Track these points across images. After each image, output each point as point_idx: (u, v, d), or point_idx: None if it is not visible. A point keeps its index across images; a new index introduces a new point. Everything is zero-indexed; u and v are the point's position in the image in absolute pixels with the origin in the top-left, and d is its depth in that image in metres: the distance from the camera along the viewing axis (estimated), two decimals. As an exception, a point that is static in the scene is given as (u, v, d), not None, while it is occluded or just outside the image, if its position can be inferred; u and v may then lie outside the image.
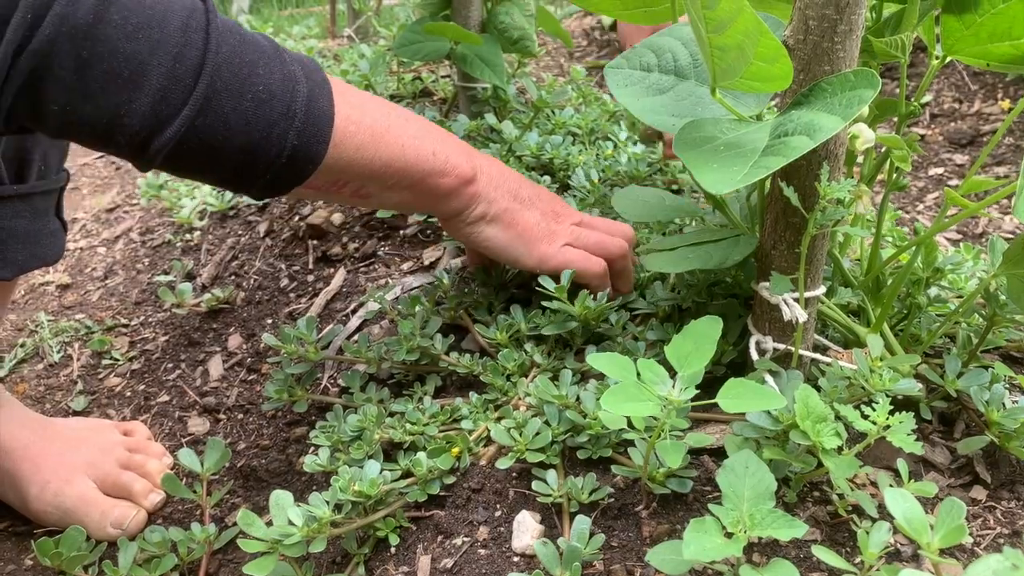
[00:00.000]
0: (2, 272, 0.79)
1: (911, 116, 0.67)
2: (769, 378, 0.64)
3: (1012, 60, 0.68)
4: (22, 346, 1.20)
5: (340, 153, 0.67)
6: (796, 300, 0.63)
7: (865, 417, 0.54)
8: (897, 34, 0.64)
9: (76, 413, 1.04)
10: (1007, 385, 0.69)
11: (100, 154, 2.00)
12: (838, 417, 0.55)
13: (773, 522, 0.49)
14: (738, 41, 0.52)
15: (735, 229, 0.70)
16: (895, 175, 0.67)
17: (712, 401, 0.53)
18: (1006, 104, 1.57)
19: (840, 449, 0.56)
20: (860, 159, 0.71)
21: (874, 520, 0.56)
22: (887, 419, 0.53)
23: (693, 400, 0.54)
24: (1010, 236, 1.14)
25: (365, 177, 0.71)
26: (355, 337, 0.92)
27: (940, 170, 1.50)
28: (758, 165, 0.51)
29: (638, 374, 0.55)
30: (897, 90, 0.69)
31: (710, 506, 0.50)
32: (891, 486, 0.58)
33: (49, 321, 1.25)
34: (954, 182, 1.45)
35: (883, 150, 0.70)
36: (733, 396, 0.53)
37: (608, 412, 0.58)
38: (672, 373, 0.56)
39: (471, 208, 0.78)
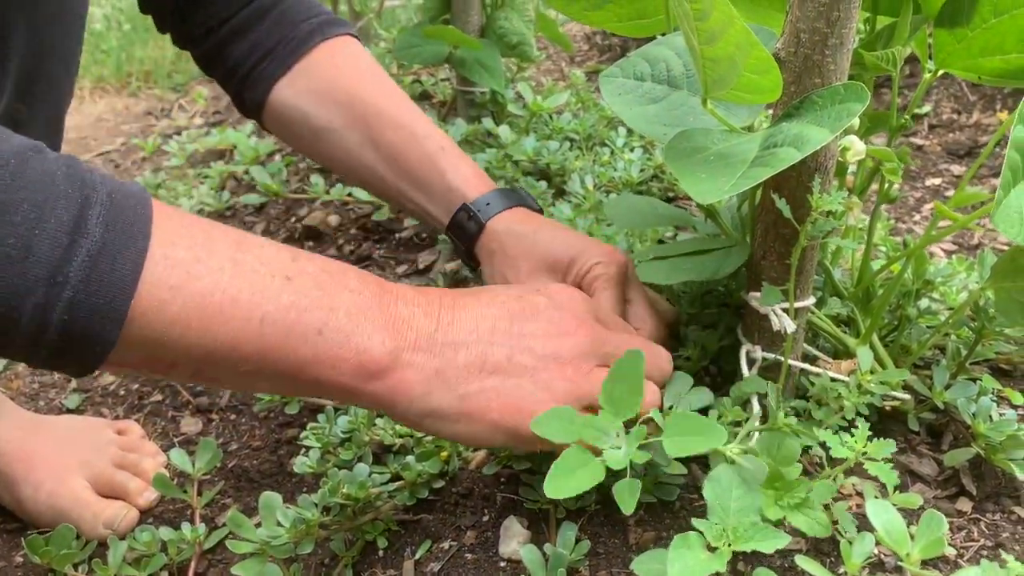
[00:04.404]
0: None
1: (903, 129, 0.67)
2: (755, 403, 0.64)
3: (1003, 74, 0.68)
4: (18, 343, 1.20)
5: (149, 332, 0.49)
6: (785, 311, 0.63)
7: (843, 443, 0.55)
8: (889, 48, 0.65)
9: (70, 411, 1.04)
10: (995, 398, 0.69)
11: (99, 151, 2.01)
12: (822, 446, 0.55)
13: (756, 534, 0.49)
14: (729, 53, 0.52)
15: (727, 239, 0.71)
16: (886, 187, 0.68)
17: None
18: (1004, 115, 1.58)
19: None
20: (853, 169, 0.72)
21: (859, 530, 0.56)
22: (865, 445, 0.54)
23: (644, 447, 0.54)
24: (1004, 248, 1.14)
25: (199, 360, 0.51)
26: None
27: (938, 180, 1.51)
28: (746, 176, 0.51)
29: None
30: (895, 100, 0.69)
31: (694, 520, 0.50)
32: (876, 497, 0.59)
33: (45, 318, 1.25)
34: (951, 192, 1.45)
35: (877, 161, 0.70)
36: (677, 435, 0.53)
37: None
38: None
39: (395, 407, 0.56)
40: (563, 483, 0.51)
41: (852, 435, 0.55)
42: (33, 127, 0.78)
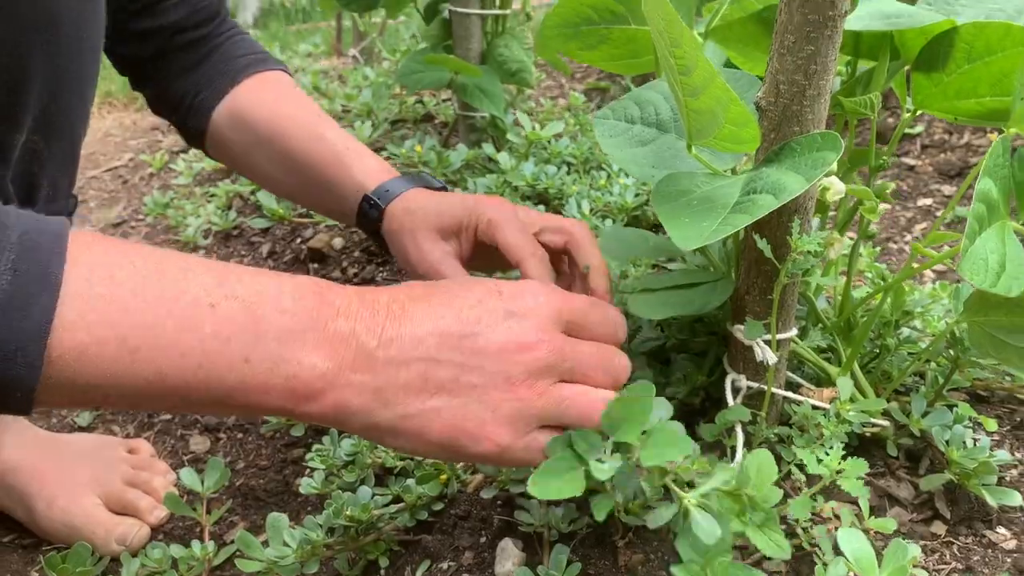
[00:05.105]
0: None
1: (880, 169, 0.71)
2: (739, 430, 0.67)
3: (978, 115, 0.71)
4: (30, 360, 1.24)
5: (71, 374, 0.49)
6: (768, 343, 0.67)
7: (819, 461, 0.58)
8: (867, 93, 0.68)
9: (81, 428, 1.08)
10: (970, 425, 0.72)
11: (108, 167, 2.05)
12: (799, 467, 0.59)
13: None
14: (711, 106, 0.56)
15: (714, 272, 0.74)
16: (865, 224, 0.71)
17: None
18: (995, 136, 1.61)
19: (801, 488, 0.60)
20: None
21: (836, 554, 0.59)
22: (839, 464, 0.57)
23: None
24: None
25: (130, 395, 0.51)
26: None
27: (929, 200, 1.54)
28: (726, 222, 0.54)
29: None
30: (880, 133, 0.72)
31: (671, 567, 0.52)
32: (852, 525, 0.62)
33: (56, 336, 1.28)
34: (941, 212, 1.48)
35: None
36: (653, 447, 0.55)
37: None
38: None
39: (334, 424, 0.56)
40: (547, 486, 0.52)
41: (827, 454, 0.58)
42: (50, 158, 0.81)
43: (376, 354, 0.54)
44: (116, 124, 2.41)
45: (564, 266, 0.79)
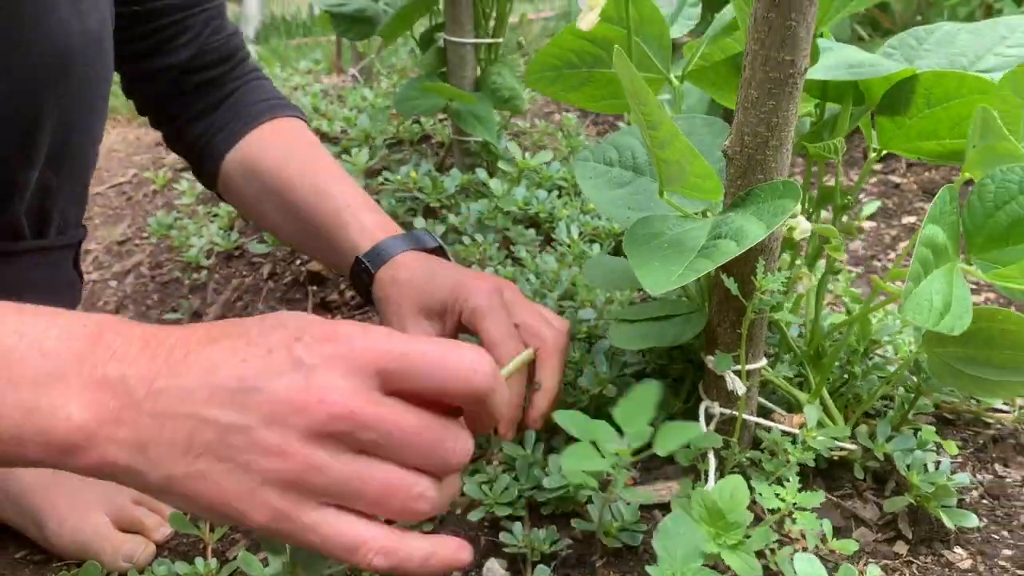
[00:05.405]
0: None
1: (845, 208, 0.75)
2: (711, 456, 0.71)
3: (939, 155, 0.76)
4: (39, 379, 1.28)
5: None
6: (738, 373, 0.71)
7: (776, 495, 0.62)
8: (832, 137, 0.72)
9: (89, 446, 1.12)
10: (933, 448, 0.76)
11: (111, 184, 2.10)
12: (755, 501, 0.63)
13: (702, 578, 0.56)
14: (677, 158, 0.60)
15: (690, 303, 0.78)
16: (831, 262, 0.75)
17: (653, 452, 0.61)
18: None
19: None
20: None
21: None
22: (794, 497, 0.61)
23: (641, 452, 0.61)
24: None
25: None
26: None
27: (914, 218, 1.58)
28: (691, 267, 0.58)
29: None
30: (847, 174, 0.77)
31: (648, 568, 0.57)
32: (818, 545, 0.66)
33: (64, 354, 1.33)
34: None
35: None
36: (663, 440, 0.60)
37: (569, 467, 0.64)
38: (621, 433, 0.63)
39: (109, 479, 0.50)
40: (576, 463, 0.58)
41: (784, 487, 0.62)
42: (61, 192, 0.86)
43: (142, 406, 0.48)
44: (120, 139, 2.46)
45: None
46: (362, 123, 1.47)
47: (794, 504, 0.62)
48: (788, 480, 0.64)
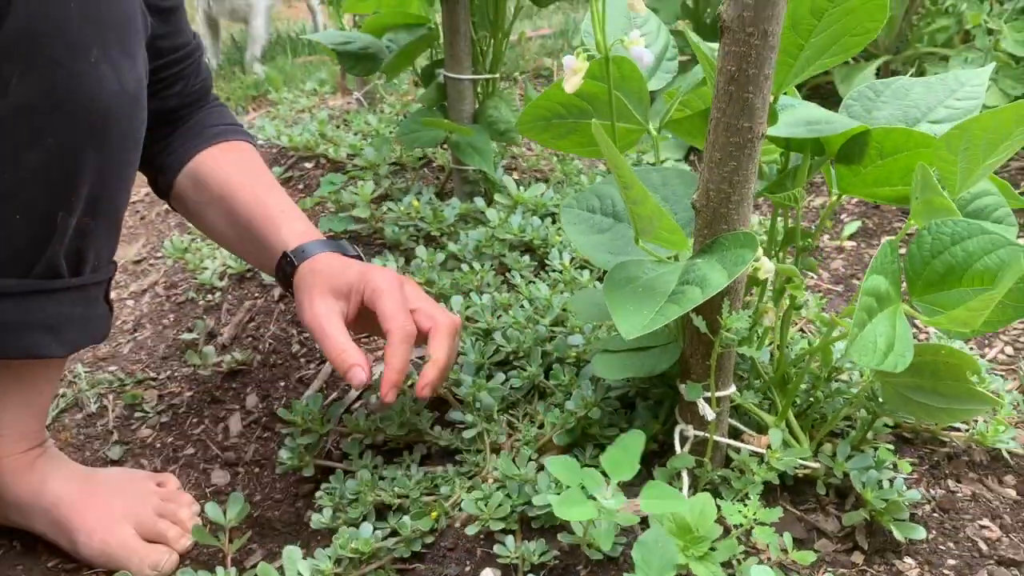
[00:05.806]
0: (60, 350, 0.94)
1: (806, 250, 0.82)
2: (684, 475, 0.79)
3: (894, 199, 0.83)
4: (63, 396, 1.36)
5: None
6: (708, 400, 0.78)
7: (740, 511, 0.70)
8: (794, 187, 0.80)
9: (113, 461, 1.19)
10: (889, 466, 0.83)
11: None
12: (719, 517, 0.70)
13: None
14: (648, 214, 0.68)
15: (668, 334, 0.86)
16: (793, 300, 0.82)
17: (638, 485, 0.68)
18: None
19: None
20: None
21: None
22: (756, 513, 0.69)
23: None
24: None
25: None
26: (355, 405, 1.08)
27: (893, 237, 1.65)
28: (661, 313, 0.66)
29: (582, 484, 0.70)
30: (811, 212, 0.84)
31: (625, 574, 0.65)
32: (780, 556, 0.74)
33: (86, 373, 1.41)
34: (903, 251, 1.60)
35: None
36: (652, 498, 0.68)
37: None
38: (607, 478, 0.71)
39: None
40: (567, 511, 0.67)
41: (746, 504, 0.70)
42: (97, 233, 0.93)
43: None
44: (132, 158, 2.53)
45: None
46: (368, 155, 1.55)
47: (755, 519, 0.70)
48: (750, 498, 0.71)
